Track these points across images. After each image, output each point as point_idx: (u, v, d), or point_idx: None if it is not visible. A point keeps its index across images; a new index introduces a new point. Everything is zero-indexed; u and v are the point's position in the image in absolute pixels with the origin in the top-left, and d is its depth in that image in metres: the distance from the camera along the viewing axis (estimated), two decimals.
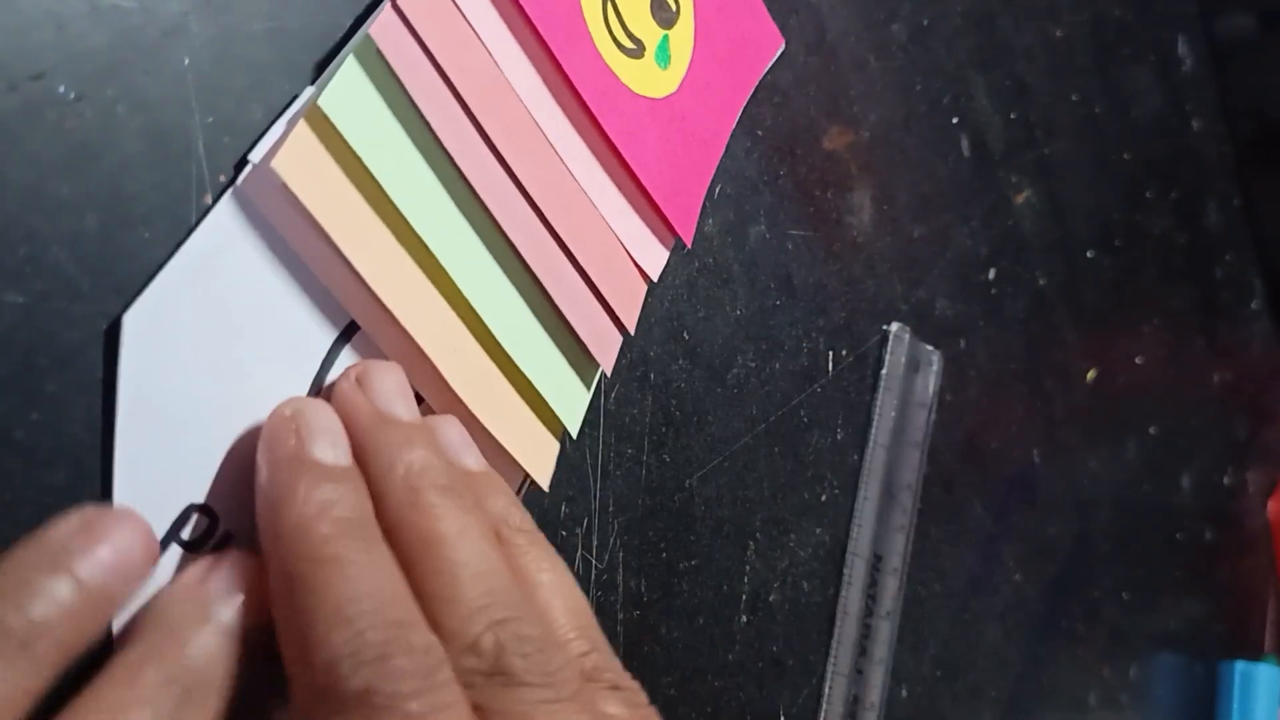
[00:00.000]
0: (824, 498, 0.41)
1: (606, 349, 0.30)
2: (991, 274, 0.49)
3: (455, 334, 0.26)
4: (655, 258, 0.32)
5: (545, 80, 0.28)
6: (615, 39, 0.30)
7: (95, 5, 0.21)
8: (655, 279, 0.32)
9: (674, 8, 0.32)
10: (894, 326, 0.44)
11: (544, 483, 0.29)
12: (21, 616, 0.19)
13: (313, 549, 0.21)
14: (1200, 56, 0.68)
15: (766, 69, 0.36)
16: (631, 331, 0.31)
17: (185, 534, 0.23)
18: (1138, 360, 0.62)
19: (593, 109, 0.29)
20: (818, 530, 0.41)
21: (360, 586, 0.21)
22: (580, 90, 0.29)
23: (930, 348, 0.45)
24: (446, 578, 0.23)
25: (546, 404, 0.28)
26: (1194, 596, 0.69)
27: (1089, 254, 0.57)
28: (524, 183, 0.27)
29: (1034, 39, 0.53)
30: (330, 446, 0.23)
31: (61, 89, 0.21)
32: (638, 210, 0.31)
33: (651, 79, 0.31)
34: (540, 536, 0.26)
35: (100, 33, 0.21)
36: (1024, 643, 0.53)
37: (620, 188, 0.30)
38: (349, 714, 0.20)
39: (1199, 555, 0.69)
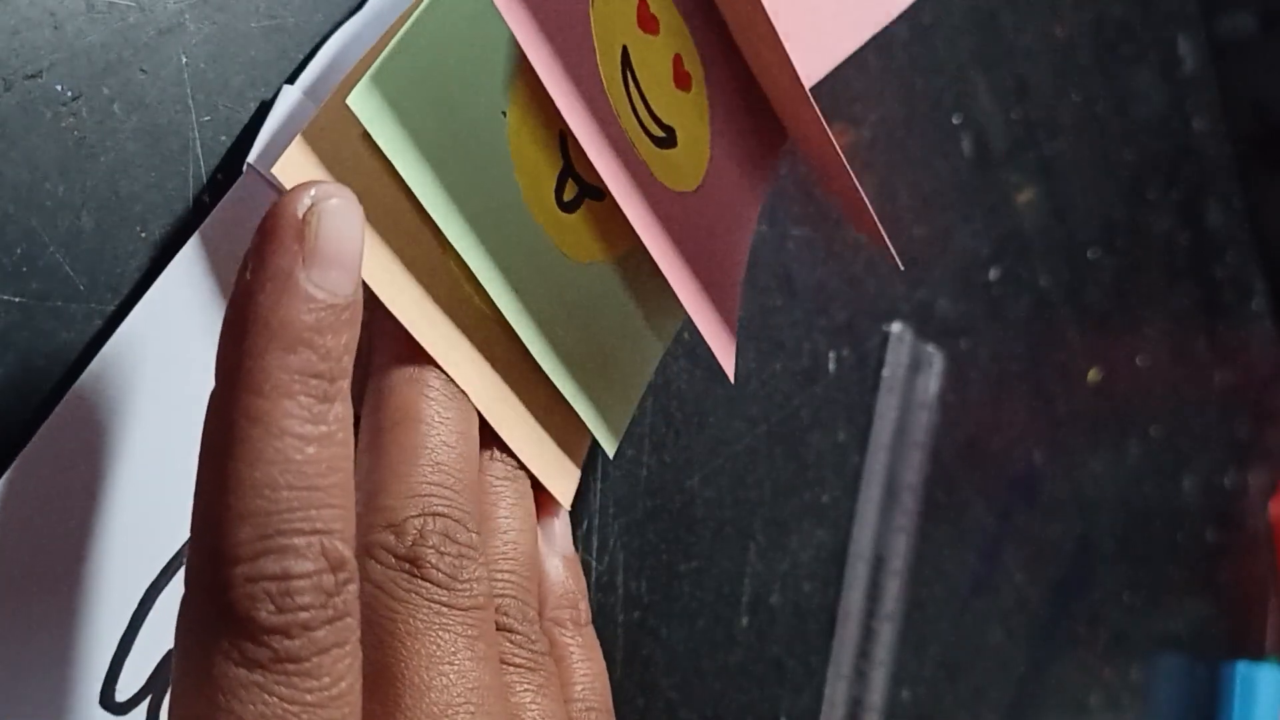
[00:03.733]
0: (825, 499, 0.41)
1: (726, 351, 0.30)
2: (993, 274, 0.49)
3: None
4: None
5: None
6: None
7: (92, 4, 0.21)
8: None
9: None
10: (895, 326, 0.43)
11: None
12: None
13: (257, 404, 0.18)
14: (1201, 56, 0.68)
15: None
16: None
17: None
18: (1139, 361, 0.62)
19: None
20: (819, 532, 0.41)
21: (292, 472, 0.18)
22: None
23: (932, 348, 0.45)
24: (406, 455, 0.22)
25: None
26: (1196, 598, 0.69)
27: (1090, 254, 0.57)
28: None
29: (1035, 38, 0.53)
30: (339, 275, 0.19)
31: (58, 87, 0.21)
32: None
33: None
34: (526, 485, 0.26)
35: (97, 31, 0.21)
36: (1026, 644, 0.53)
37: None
38: (227, 625, 0.18)
39: (1201, 556, 0.69)
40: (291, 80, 0.24)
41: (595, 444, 0.30)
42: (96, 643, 0.22)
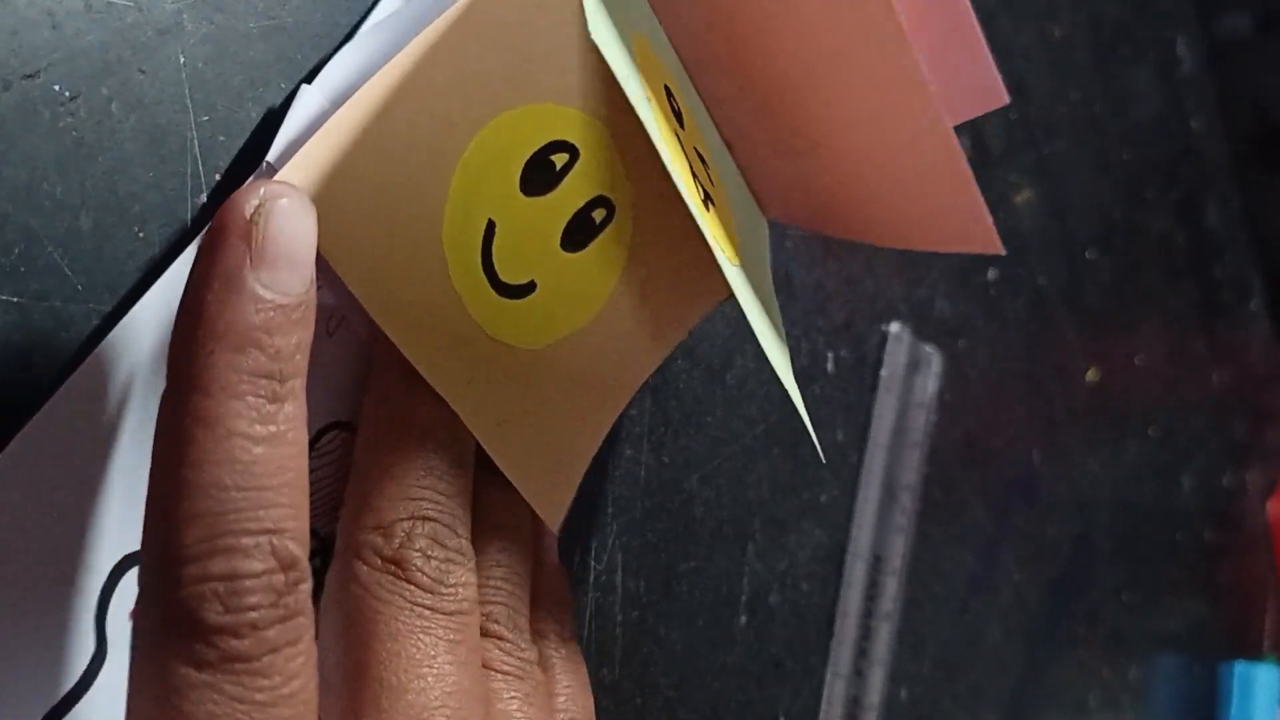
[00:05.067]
0: (823, 498, 0.41)
1: None
2: (991, 274, 0.49)
3: None
4: None
5: None
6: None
7: (90, 4, 0.21)
8: None
9: None
10: (894, 326, 0.43)
11: None
12: None
13: (205, 406, 0.18)
14: (1199, 56, 0.68)
15: None
16: None
17: None
18: (1137, 360, 0.62)
19: None
20: (817, 531, 0.41)
21: (239, 472, 0.18)
22: None
23: (930, 348, 0.45)
24: (400, 457, 0.22)
25: None
26: (1194, 597, 0.69)
27: (1089, 254, 0.57)
28: None
29: (1033, 38, 0.53)
30: (289, 275, 0.19)
31: (56, 87, 0.21)
32: None
33: None
34: (525, 510, 0.26)
35: (95, 31, 0.21)
36: (1024, 644, 0.53)
37: None
38: (181, 633, 0.18)
39: (1199, 556, 0.69)
40: (309, 79, 0.24)
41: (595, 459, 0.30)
42: (70, 649, 0.22)
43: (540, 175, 0.25)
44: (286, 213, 0.19)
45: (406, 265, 0.23)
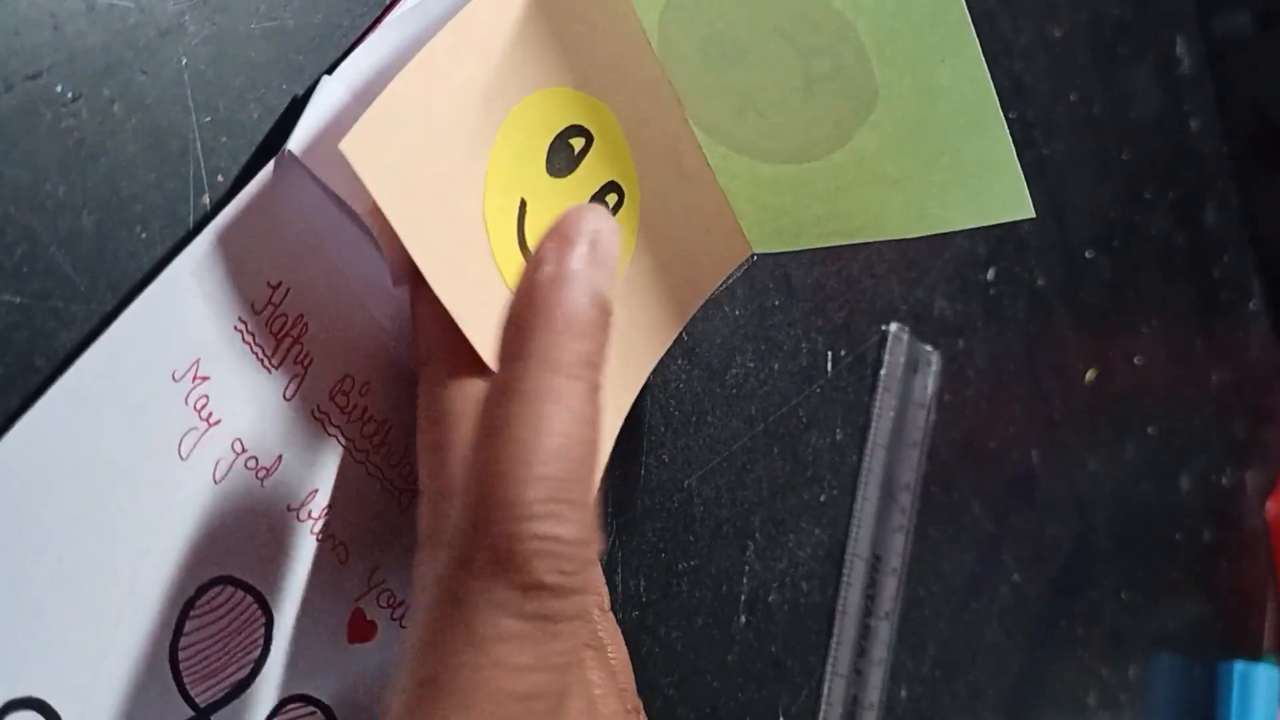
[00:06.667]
0: (823, 498, 0.41)
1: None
2: (990, 274, 0.49)
3: None
4: None
5: None
6: None
7: (92, 5, 0.21)
8: None
9: None
10: (893, 326, 0.43)
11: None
12: None
13: (556, 382, 0.20)
14: (1198, 56, 0.68)
15: None
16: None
17: None
18: (1136, 360, 0.62)
19: None
20: (816, 531, 0.41)
21: (575, 445, 0.20)
22: None
23: (929, 348, 0.45)
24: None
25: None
26: (1193, 597, 0.69)
27: (1088, 254, 0.57)
28: None
29: (1032, 38, 0.53)
30: (610, 284, 0.21)
31: (59, 88, 0.21)
32: None
33: None
34: None
35: (97, 32, 0.21)
36: (1023, 643, 0.53)
37: None
38: (503, 574, 0.19)
39: (1198, 555, 0.69)
40: (329, 72, 0.24)
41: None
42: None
43: (562, 156, 0.26)
44: (614, 234, 0.21)
45: (455, 242, 0.24)
